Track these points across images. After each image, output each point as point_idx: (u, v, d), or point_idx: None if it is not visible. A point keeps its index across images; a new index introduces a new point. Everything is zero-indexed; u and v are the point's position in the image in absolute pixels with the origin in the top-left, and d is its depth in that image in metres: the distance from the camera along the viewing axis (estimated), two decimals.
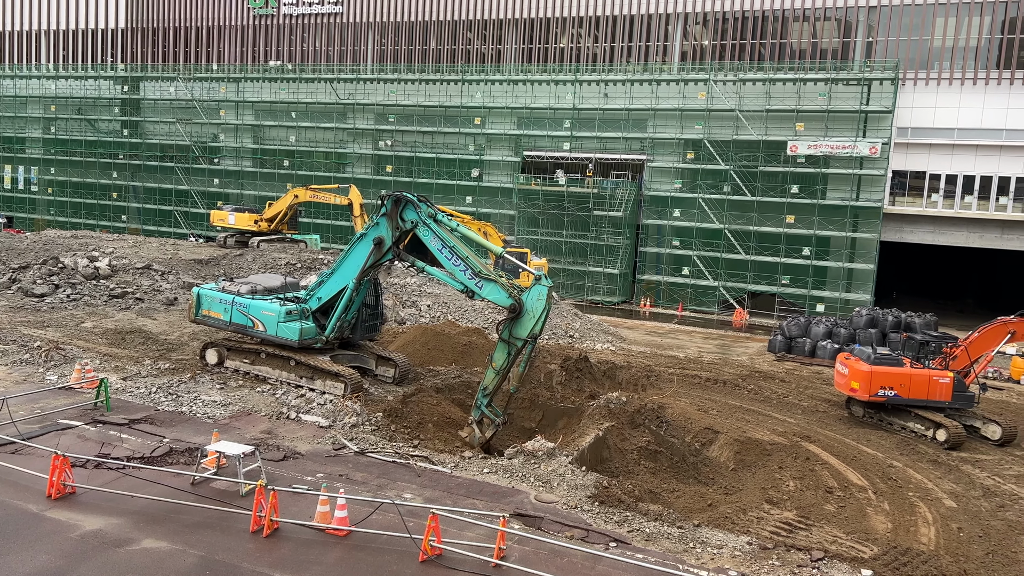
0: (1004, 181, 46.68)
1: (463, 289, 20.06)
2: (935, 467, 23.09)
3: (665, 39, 54.19)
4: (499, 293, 19.42)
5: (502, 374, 19.41)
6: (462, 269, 19.99)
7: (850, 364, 26.46)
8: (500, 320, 19.61)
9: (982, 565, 16.62)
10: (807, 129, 48.49)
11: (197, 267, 40.92)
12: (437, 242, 20.34)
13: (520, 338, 18.97)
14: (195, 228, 63.95)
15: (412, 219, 20.61)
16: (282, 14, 64.37)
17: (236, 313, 22.93)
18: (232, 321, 23.06)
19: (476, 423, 19.88)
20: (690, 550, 14.32)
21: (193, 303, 23.90)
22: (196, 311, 23.83)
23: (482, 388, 19.70)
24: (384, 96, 59.54)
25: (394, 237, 20.95)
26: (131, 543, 13.68)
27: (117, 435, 18.48)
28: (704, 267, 50.85)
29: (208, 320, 23.67)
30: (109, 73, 69.11)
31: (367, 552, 13.71)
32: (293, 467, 17.26)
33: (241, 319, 22.87)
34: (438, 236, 20.32)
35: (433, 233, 20.37)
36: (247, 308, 22.79)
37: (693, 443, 22.44)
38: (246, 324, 22.82)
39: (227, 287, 23.64)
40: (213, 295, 23.54)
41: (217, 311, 23.32)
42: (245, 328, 22.91)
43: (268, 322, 22.37)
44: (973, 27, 47.19)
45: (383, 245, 21.10)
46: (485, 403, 19.63)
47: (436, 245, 20.37)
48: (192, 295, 24.12)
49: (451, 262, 20.11)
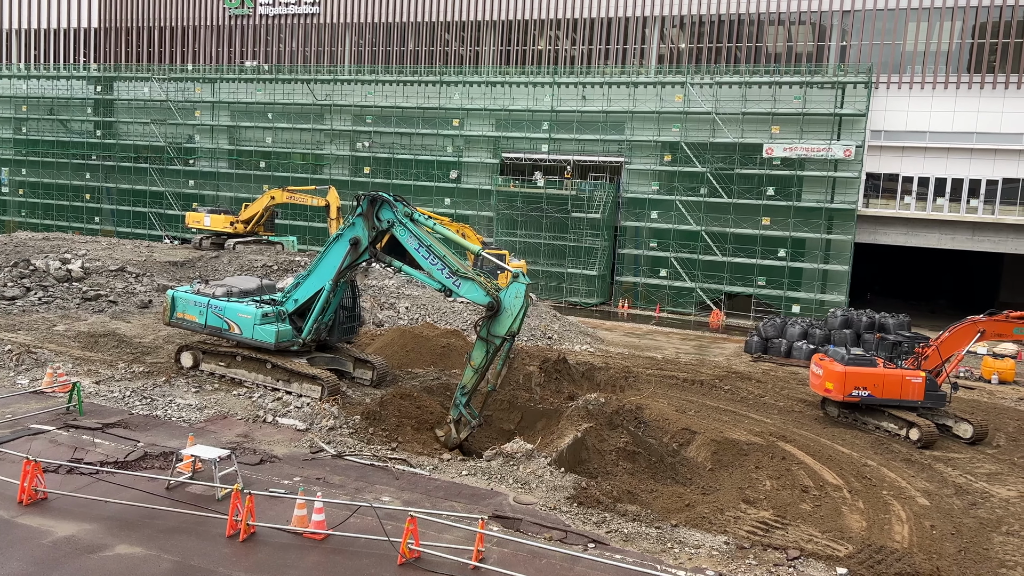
0: (975, 184, 47.43)
1: (441, 288, 20.10)
2: (908, 466, 23.40)
3: (642, 42, 54.47)
4: (477, 292, 19.48)
5: (480, 373, 19.48)
6: (440, 268, 19.97)
7: (824, 365, 26.70)
8: (478, 319, 19.69)
9: (954, 562, 16.86)
10: (782, 132, 48.95)
11: (172, 269, 40.49)
12: (414, 241, 20.30)
13: (499, 336, 19.08)
14: (170, 230, 63.29)
15: (388, 218, 20.57)
16: (258, 14, 63.91)
17: (211, 316, 22.71)
18: (207, 324, 22.83)
19: (454, 423, 19.89)
20: (668, 550, 14.39)
21: (167, 306, 23.63)
22: (171, 314, 23.56)
23: (461, 387, 19.78)
24: (362, 97, 59.29)
25: (371, 237, 20.92)
26: (104, 549, 13.50)
27: (90, 440, 18.24)
28: (681, 268, 51.16)
29: (183, 323, 23.42)
30: (82, 73, 68.21)
31: (345, 556, 13.63)
32: (270, 471, 17.13)
33: (216, 322, 22.66)
34: (415, 235, 20.29)
35: (410, 232, 20.34)
36: (222, 311, 22.58)
37: (671, 444, 22.56)
38: (221, 327, 22.62)
39: (202, 289, 23.42)
40: (188, 297, 23.29)
41: (192, 314, 23.08)
42: (220, 331, 22.69)
43: (244, 325, 22.19)
44: (944, 32, 47.92)
45: (359, 245, 21.04)
46: (464, 402, 19.70)
47: (413, 244, 20.33)
48: (166, 297, 23.86)
49: (428, 261, 20.09)
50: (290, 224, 57.69)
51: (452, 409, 20.08)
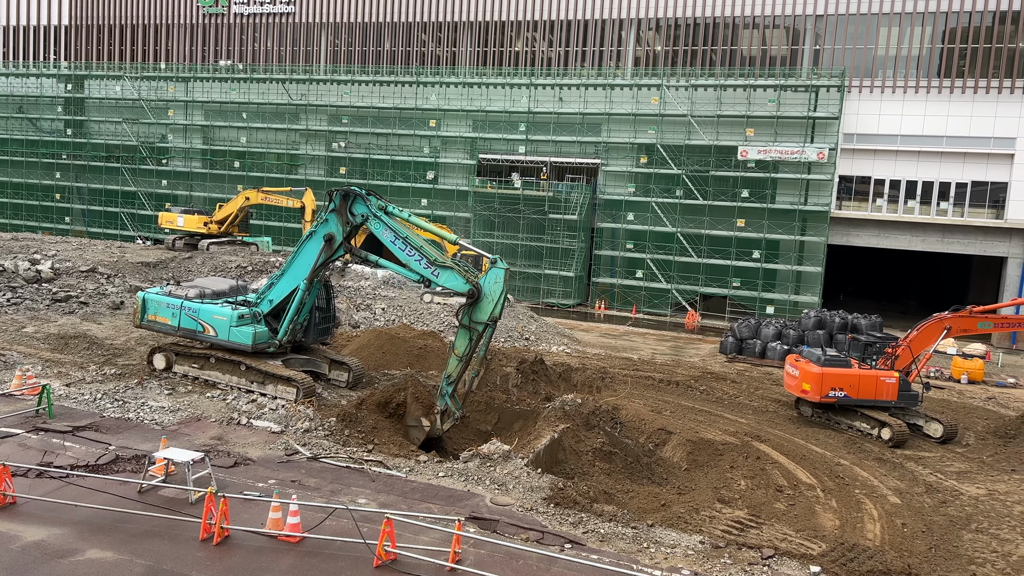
0: (944, 186, 48.19)
1: (419, 279, 20.20)
2: (880, 465, 23.70)
3: (619, 44, 54.73)
4: (456, 280, 19.56)
5: (465, 360, 19.58)
6: (417, 259, 20.04)
7: (800, 366, 26.92)
8: (459, 307, 19.68)
9: (925, 559, 17.11)
10: (757, 134, 49.42)
11: (145, 270, 40.00)
12: (390, 234, 20.32)
13: (480, 322, 19.19)
14: (143, 230, 62.52)
15: (362, 212, 20.56)
16: (232, 13, 63.33)
17: (185, 318, 22.42)
18: (181, 326, 22.53)
19: (439, 414, 19.96)
20: (644, 550, 14.46)
21: (138, 308, 23.21)
22: (141, 316, 23.17)
23: (446, 376, 19.80)
24: (338, 97, 58.99)
25: (345, 233, 20.87)
26: (75, 554, 13.29)
27: (60, 443, 17.95)
28: (657, 270, 51.45)
29: (155, 325, 23.05)
30: (52, 71, 67.21)
31: (320, 559, 13.54)
32: (244, 473, 16.97)
33: (190, 324, 22.38)
34: (390, 228, 20.30)
35: (385, 225, 20.35)
36: (196, 312, 22.31)
37: (647, 444, 22.67)
38: (196, 329, 22.34)
39: (174, 291, 23.12)
40: (160, 299, 22.94)
41: (164, 316, 22.75)
42: (195, 333, 22.41)
43: (219, 327, 21.95)
44: (915, 37, 48.64)
45: (334, 242, 20.98)
46: (450, 391, 19.80)
47: (389, 237, 20.33)
48: (137, 299, 23.43)
49: (406, 253, 20.10)
50: (265, 225, 57.24)
51: (439, 399, 20.08)
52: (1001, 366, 40.29)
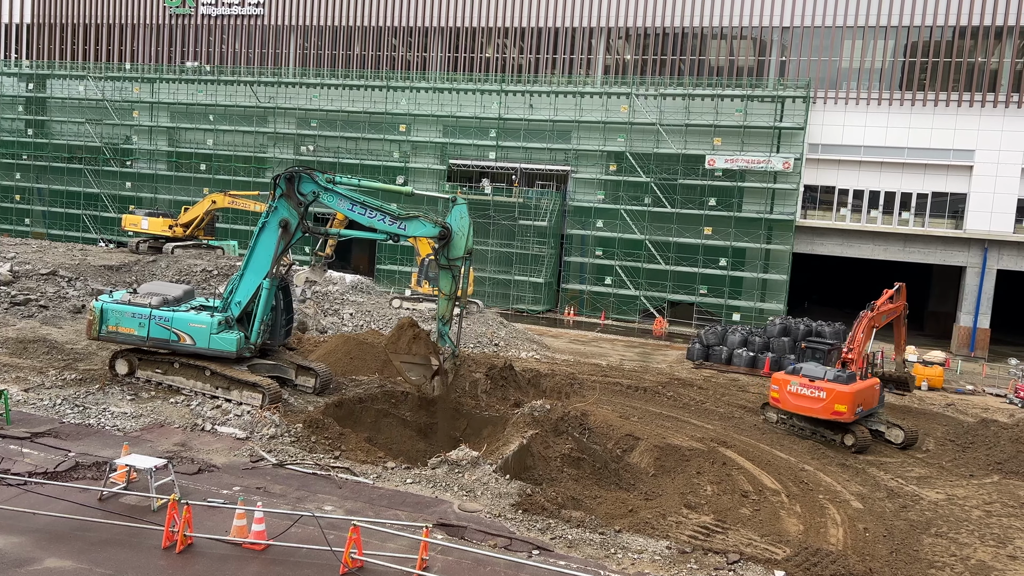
0: (906, 197, 49.18)
1: (386, 237, 21.16)
2: (843, 470, 24.07)
3: (589, 52, 55.08)
4: (425, 226, 20.58)
5: (452, 298, 20.62)
6: (380, 218, 20.68)
7: (828, 387, 25.51)
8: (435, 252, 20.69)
9: (886, 563, 17.40)
10: (724, 144, 50.03)
11: (107, 273, 39.31)
12: (346, 203, 20.66)
13: (458, 257, 20.43)
14: (106, 233, 61.43)
15: (311, 190, 20.86)
16: (200, 14, 62.60)
17: (155, 327, 21.51)
18: (150, 336, 21.60)
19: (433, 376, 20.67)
20: (611, 556, 14.52)
21: (95, 318, 21.70)
22: (100, 327, 21.79)
23: (440, 318, 20.99)
24: (307, 100, 58.57)
25: (300, 214, 21.00)
26: (33, 563, 13.00)
27: (18, 449, 17.54)
28: (626, 277, 51.78)
29: (117, 337, 21.87)
30: (13, 69, 65.84)
31: (286, 566, 13.39)
32: (208, 480, 16.73)
33: (163, 333, 21.55)
34: (345, 196, 20.66)
35: (338, 195, 20.68)
36: (170, 321, 21.51)
37: (615, 449, 22.78)
38: (169, 338, 21.54)
39: (134, 299, 22.34)
40: (123, 309, 21.83)
41: (129, 326, 21.67)
42: (168, 343, 21.60)
43: (198, 335, 21.35)
44: (879, 50, 49.63)
45: (290, 226, 21.08)
46: (447, 331, 20.99)
47: (346, 206, 20.70)
48: (93, 309, 21.80)
49: (367, 216, 20.65)
50: (231, 228, 56.57)
51: (439, 340, 21.01)
52: (960, 373, 41.19)
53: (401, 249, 50.81)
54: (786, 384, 26.46)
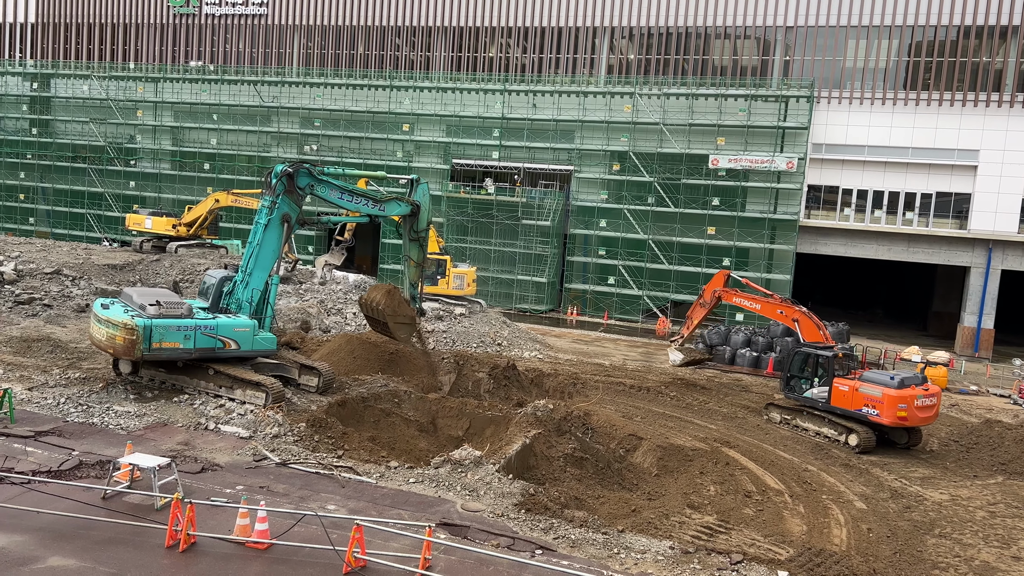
0: (910, 197, 49.08)
1: (368, 220, 24.99)
2: (847, 471, 24.02)
3: (592, 52, 55.05)
4: (400, 205, 24.33)
5: (420, 265, 25.13)
6: (364, 203, 23.37)
7: (933, 391, 25.92)
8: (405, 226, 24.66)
9: (890, 564, 17.36)
10: (727, 143, 49.96)
11: (111, 272, 39.36)
12: (336, 192, 22.73)
13: (423, 229, 24.76)
14: (109, 232, 61.52)
15: (308, 183, 22.13)
16: (204, 14, 62.67)
17: (201, 337, 21.05)
18: (196, 347, 21.12)
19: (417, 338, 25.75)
20: (614, 556, 14.50)
21: (139, 337, 20.28)
22: (145, 345, 20.44)
23: (411, 284, 25.33)
24: (310, 100, 58.62)
25: (300, 207, 22.25)
26: (36, 561, 13.02)
27: (22, 448, 17.58)
28: (629, 276, 51.74)
29: (162, 353, 20.75)
30: (17, 69, 65.96)
31: (288, 566, 13.40)
32: (211, 479, 16.75)
33: (209, 342, 21.15)
34: (336, 187, 22.66)
35: (331, 186, 22.53)
36: (215, 329, 21.27)
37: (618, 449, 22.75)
38: (215, 346, 21.28)
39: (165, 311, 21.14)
40: (168, 323, 20.67)
41: (174, 340, 20.76)
42: (215, 351, 21.32)
43: (243, 338, 21.52)
44: (882, 50, 49.54)
45: (291, 220, 22.15)
46: (417, 293, 25.22)
47: (336, 195, 22.75)
48: (136, 329, 20.28)
49: (353, 203, 23.17)
50: (234, 227, 56.63)
51: (413, 303, 25.23)
52: (964, 373, 41.10)
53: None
54: (913, 399, 25.21)
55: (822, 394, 27.10)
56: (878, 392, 25.39)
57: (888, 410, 25.16)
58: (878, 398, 25.32)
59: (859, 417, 25.91)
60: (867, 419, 25.71)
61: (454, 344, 35.75)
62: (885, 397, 25.19)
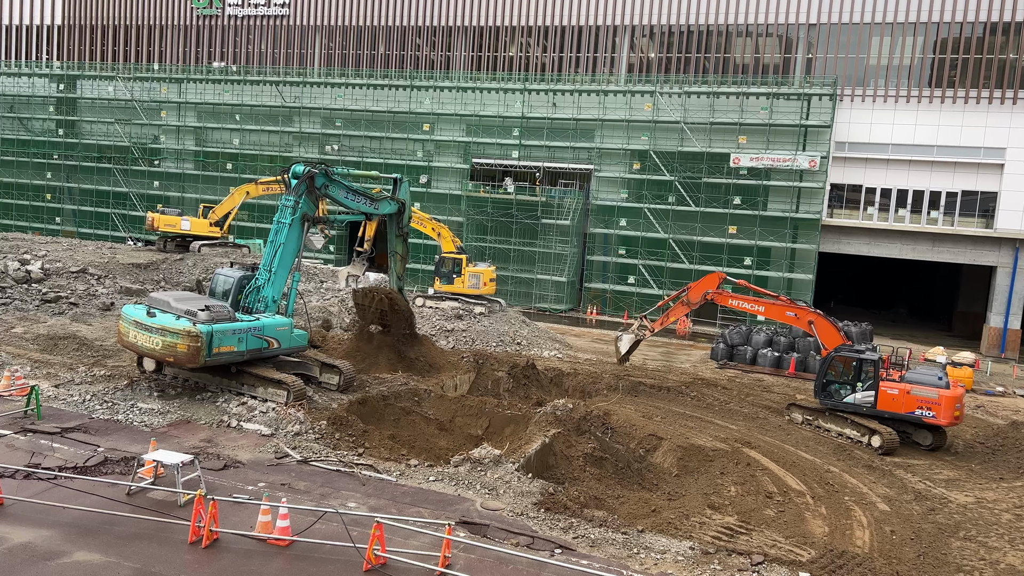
0: (935, 196, 48.47)
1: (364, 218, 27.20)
2: (870, 472, 23.78)
3: (612, 51, 54.88)
4: (391, 204, 25.99)
5: (404, 259, 27.14)
6: (364, 202, 24.85)
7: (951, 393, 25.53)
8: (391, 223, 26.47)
9: (914, 567, 17.17)
10: (749, 142, 49.60)
11: (135, 271, 39.84)
12: (343, 191, 24.01)
13: (408, 225, 26.74)
14: (134, 231, 62.26)
15: (323, 183, 23.26)
16: (227, 15, 63.23)
17: (252, 339, 21.50)
18: (248, 348, 21.54)
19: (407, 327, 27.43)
20: (634, 556, 14.46)
21: (203, 344, 20.29)
22: (208, 351, 20.61)
23: (396, 277, 27.31)
24: (331, 100, 58.95)
25: (317, 205, 23.45)
26: (62, 556, 13.22)
27: (48, 444, 17.85)
28: (649, 276, 51.53)
29: (221, 357, 21.08)
30: (44, 70, 66.91)
31: (309, 562, 13.49)
32: (234, 476, 16.90)
33: (257, 343, 21.64)
34: (344, 186, 24.05)
35: (340, 185, 23.89)
36: (262, 330, 21.73)
37: (637, 449, 22.69)
38: (261, 346, 21.77)
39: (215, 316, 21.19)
40: (225, 328, 20.98)
41: (229, 344, 21.12)
42: (260, 351, 21.77)
43: (283, 337, 22.23)
44: (907, 47, 48.96)
45: (309, 219, 23.17)
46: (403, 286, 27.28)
47: (343, 194, 24.02)
48: (201, 335, 20.26)
49: (356, 202, 24.61)
50: (256, 227, 57.12)
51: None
52: (990, 375, 40.54)
53: (424, 248, 50.98)
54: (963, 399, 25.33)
55: (867, 398, 26.28)
56: (934, 394, 25.05)
57: (946, 411, 24.93)
58: (935, 400, 24.97)
59: (912, 420, 25.53)
60: (921, 421, 25.41)
61: (473, 343, 35.81)
62: (943, 398, 24.86)
